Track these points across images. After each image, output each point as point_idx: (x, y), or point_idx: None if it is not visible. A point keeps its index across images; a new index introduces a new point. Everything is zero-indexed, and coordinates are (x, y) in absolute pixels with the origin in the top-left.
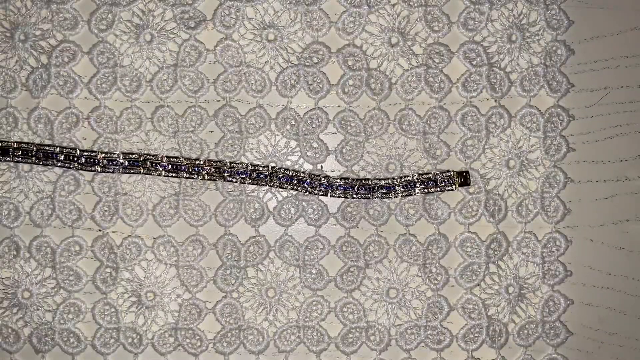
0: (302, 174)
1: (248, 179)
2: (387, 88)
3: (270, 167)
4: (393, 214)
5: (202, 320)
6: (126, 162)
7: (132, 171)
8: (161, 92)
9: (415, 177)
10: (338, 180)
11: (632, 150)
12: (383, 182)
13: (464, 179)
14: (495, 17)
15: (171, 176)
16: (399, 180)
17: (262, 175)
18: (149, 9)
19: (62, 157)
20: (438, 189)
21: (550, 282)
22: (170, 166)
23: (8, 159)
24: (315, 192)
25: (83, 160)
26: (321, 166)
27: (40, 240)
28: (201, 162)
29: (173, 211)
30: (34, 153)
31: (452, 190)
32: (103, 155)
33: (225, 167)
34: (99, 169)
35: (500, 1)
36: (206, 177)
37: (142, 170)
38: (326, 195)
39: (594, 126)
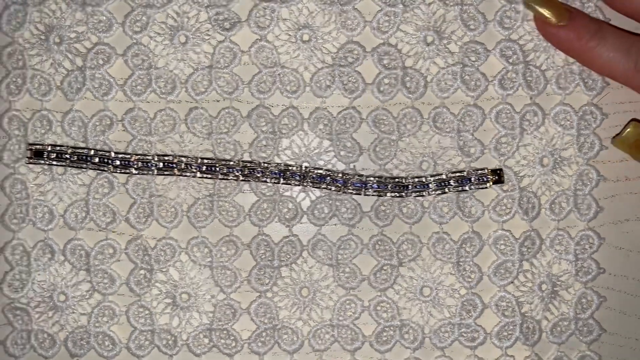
0: (335, 173)
1: (281, 179)
2: (422, 86)
3: (303, 166)
4: (427, 212)
5: (236, 320)
6: (161, 164)
7: (166, 173)
8: (196, 93)
9: (449, 175)
10: (371, 179)
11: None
12: (416, 180)
13: (498, 176)
14: (531, 15)
15: (205, 177)
16: (432, 178)
17: (295, 175)
18: (184, 11)
19: (96, 160)
20: (472, 187)
21: (583, 280)
22: (204, 167)
23: (42, 161)
24: (349, 191)
25: (117, 162)
26: (354, 165)
27: (75, 243)
28: (235, 163)
29: (207, 212)
30: (68, 156)
31: (486, 188)
32: (137, 157)
33: (258, 168)
34: (133, 171)
35: None
36: (240, 178)
37: (176, 172)
38: (359, 194)
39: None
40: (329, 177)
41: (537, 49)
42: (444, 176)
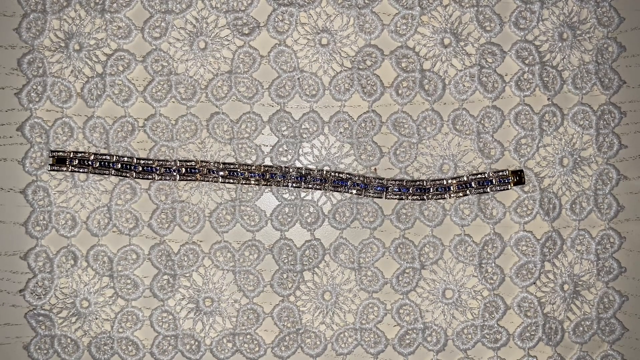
0: (355, 177)
1: (302, 183)
2: (440, 89)
3: (324, 170)
4: (448, 214)
5: (260, 324)
6: (183, 170)
7: (188, 178)
8: (216, 99)
9: (469, 177)
10: (392, 182)
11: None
12: (437, 182)
13: (518, 177)
14: (546, 15)
15: (227, 182)
16: (453, 180)
17: (316, 179)
18: (203, 16)
19: (118, 166)
20: (493, 189)
21: (604, 279)
22: (226, 172)
23: (64, 168)
24: (370, 194)
25: (140, 168)
26: (375, 168)
27: (97, 249)
28: (256, 168)
29: (230, 217)
30: (90, 162)
31: (508, 189)
32: (159, 163)
33: (279, 172)
34: (155, 176)
35: (551, 0)
36: (262, 182)
37: (198, 177)
38: (381, 198)
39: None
40: (350, 181)
41: (553, 49)
42: (465, 178)
